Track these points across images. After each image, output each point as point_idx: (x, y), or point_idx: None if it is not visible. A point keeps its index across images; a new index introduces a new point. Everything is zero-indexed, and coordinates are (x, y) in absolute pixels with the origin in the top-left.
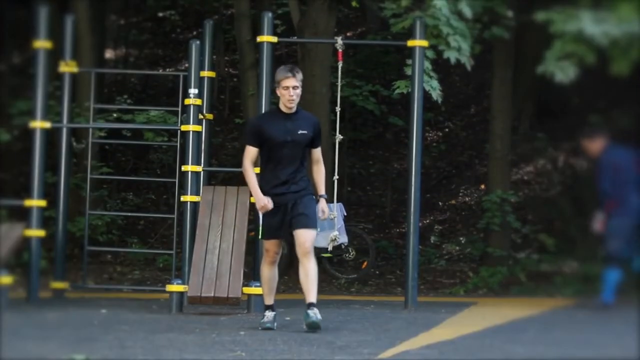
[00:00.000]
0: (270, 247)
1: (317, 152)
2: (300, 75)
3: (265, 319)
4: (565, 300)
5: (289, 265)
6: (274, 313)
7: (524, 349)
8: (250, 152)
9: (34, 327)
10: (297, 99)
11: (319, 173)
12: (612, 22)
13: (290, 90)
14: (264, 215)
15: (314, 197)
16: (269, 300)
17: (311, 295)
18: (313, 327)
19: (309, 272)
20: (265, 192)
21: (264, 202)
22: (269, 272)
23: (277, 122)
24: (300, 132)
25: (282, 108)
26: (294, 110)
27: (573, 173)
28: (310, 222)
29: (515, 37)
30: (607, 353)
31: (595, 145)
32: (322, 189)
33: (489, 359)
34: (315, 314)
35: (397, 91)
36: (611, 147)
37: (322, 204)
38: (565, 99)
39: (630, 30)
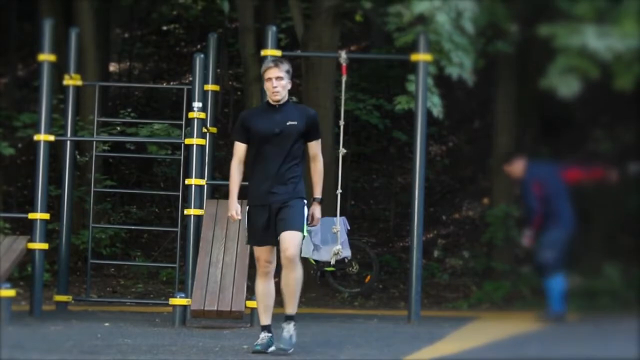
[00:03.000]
0: (260, 255)
1: (314, 147)
2: (285, 66)
3: (259, 341)
4: (568, 314)
5: None
6: (269, 335)
7: None
8: (237, 149)
9: (37, 340)
10: (283, 91)
11: (316, 172)
12: (616, 37)
13: (274, 81)
14: (248, 217)
15: (304, 201)
16: (264, 320)
17: (290, 306)
18: (282, 350)
19: (289, 282)
20: (252, 191)
21: (231, 212)
22: (262, 286)
23: (264, 115)
24: (289, 123)
25: (270, 102)
26: (282, 102)
27: (576, 188)
28: (295, 224)
29: (519, 52)
30: None
31: (516, 167)
32: (317, 191)
33: None
34: (290, 333)
35: (398, 107)
36: (531, 166)
37: (314, 208)
38: (569, 114)
39: (634, 45)
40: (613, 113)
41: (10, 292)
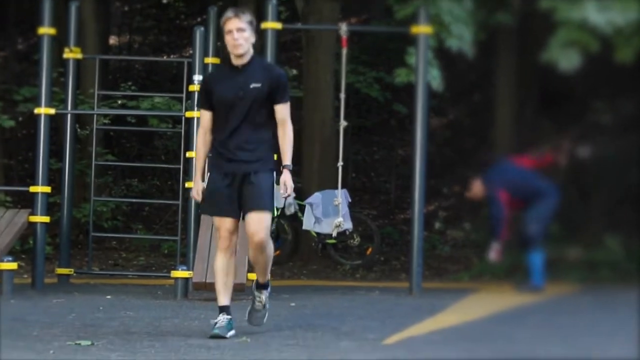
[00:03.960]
0: (220, 225)
1: (281, 110)
2: (247, 17)
3: (217, 324)
4: (569, 286)
5: (294, 251)
6: (228, 318)
7: (528, 335)
8: (202, 118)
9: (39, 312)
10: (245, 44)
11: (284, 137)
12: (616, 11)
13: (234, 33)
14: (208, 184)
15: (273, 172)
16: (222, 299)
17: (261, 276)
18: (253, 322)
19: (258, 260)
20: (213, 159)
21: (194, 193)
22: (221, 261)
23: (227, 77)
24: (252, 85)
25: (232, 59)
26: (245, 60)
27: (577, 159)
28: (262, 203)
29: (520, 24)
30: (610, 339)
31: (475, 189)
32: (286, 158)
33: (494, 345)
34: (262, 303)
35: (398, 80)
36: (488, 178)
37: (285, 176)
38: (570, 86)
39: (634, 18)
40: (614, 85)
41: (12, 265)
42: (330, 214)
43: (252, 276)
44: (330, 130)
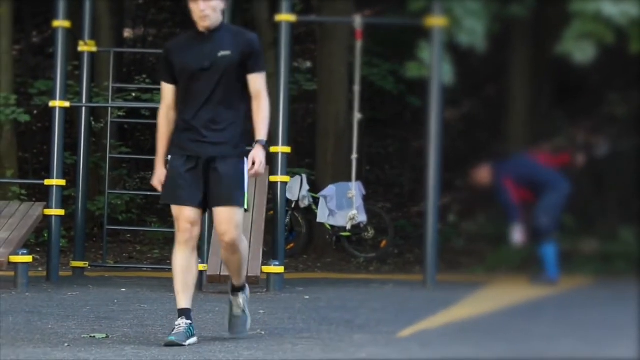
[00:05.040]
0: (179, 215)
1: (255, 81)
2: None
3: (175, 329)
4: (584, 279)
5: (308, 244)
6: (188, 323)
7: (543, 328)
8: (164, 91)
9: (54, 305)
10: (213, 15)
11: (259, 110)
12: (631, 2)
13: (200, 3)
14: (168, 169)
15: (244, 160)
16: (181, 301)
17: (236, 278)
18: (235, 331)
19: (231, 261)
20: (175, 139)
21: (155, 182)
22: (180, 257)
23: (190, 44)
24: (221, 53)
25: (198, 25)
26: (212, 26)
27: (592, 151)
28: (232, 197)
29: (535, 15)
30: (626, 331)
31: (481, 175)
32: (260, 132)
33: (508, 338)
34: (241, 308)
35: (409, 74)
36: (497, 166)
37: (256, 151)
38: (584, 77)
39: None
40: (628, 76)
41: (27, 258)
42: (344, 207)
43: (266, 269)
44: (345, 122)
